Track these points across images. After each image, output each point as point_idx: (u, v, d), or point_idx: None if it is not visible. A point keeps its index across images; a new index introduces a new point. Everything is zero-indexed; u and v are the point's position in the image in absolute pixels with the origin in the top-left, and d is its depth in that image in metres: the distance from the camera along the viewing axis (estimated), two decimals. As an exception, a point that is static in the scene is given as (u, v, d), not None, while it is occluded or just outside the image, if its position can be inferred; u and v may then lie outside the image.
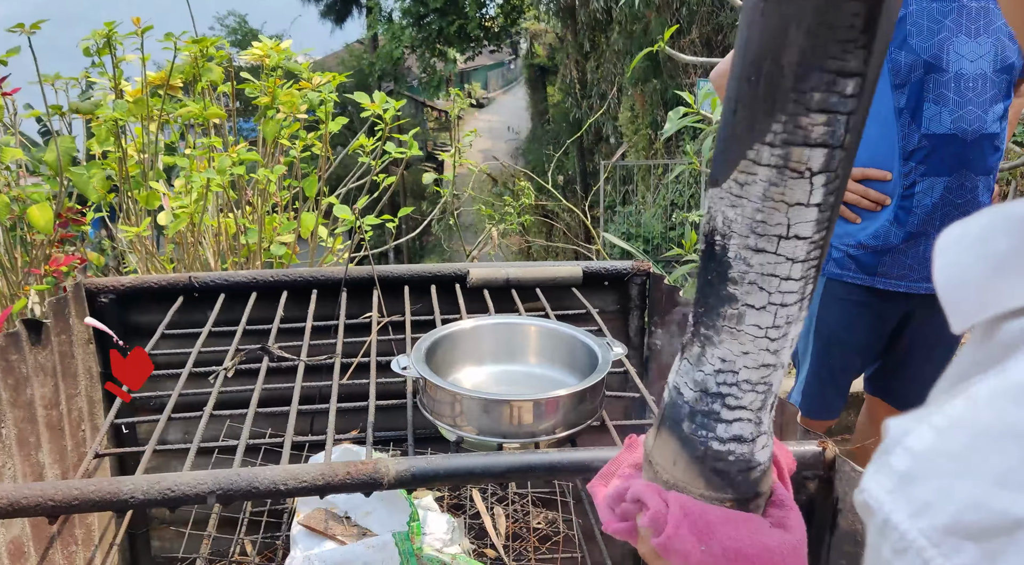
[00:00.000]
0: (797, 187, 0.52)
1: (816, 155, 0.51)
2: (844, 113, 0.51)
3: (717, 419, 0.60)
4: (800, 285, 0.56)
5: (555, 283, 1.57)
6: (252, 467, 0.92)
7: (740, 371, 0.59)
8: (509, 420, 0.98)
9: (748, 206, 0.54)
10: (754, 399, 0.60)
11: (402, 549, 1.12)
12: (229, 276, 1.55)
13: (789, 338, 0.59)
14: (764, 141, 0.52)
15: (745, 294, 0.56)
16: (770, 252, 0.55)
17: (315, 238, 2.19)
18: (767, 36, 0.51)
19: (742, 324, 0.57)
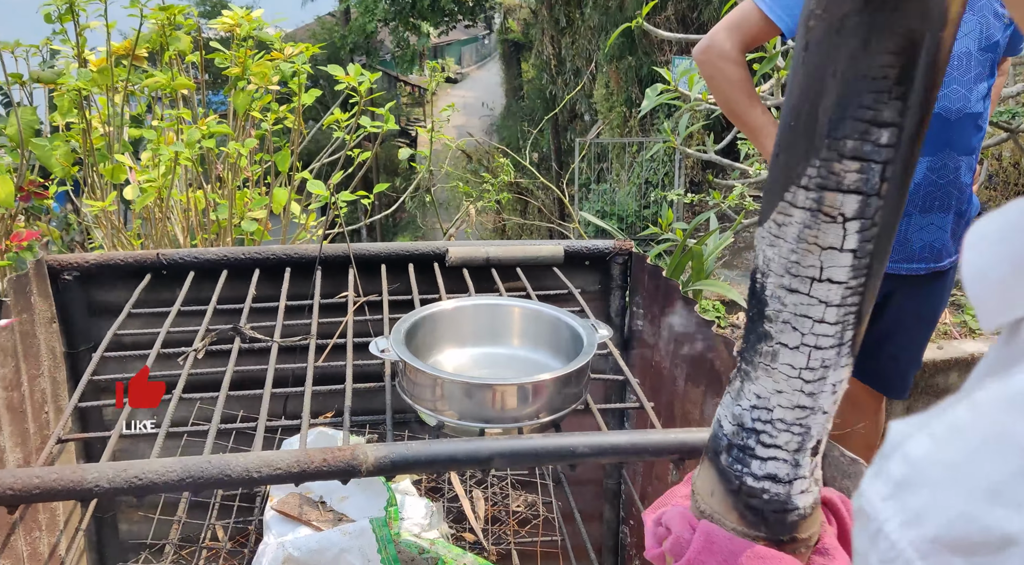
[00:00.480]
0: (830, 231, 0.53)
1: (849, 201, 0.52)
2: (879, 162, 0.51)
3: (752, 455, 0.61)
4: (836, 329, 0.57)
5: (536, 262, 1.53)
6: (224, 454, 0.88)
7: (774, 409, 0.60)
8: (492, 405, 0.95)
9: (784, 246, 0.56)
10: (789, 440, 0.60)
11: (380, 535, 1.09)
12: (199, 253, 1.50)
13: (828, 384, 0.59)
14: (800, 184, 0.53)
15: (779, 332, 0.57)
16: (803, 293, 0.56)
17: (287, 214, 2.14)
18: (807, 82, 0.52)
19: (776, 362, 0.58)
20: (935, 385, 2.88)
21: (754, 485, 0.61)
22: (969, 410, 0.34)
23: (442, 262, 1.54)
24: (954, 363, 2.88)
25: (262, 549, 1.15)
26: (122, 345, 1.43)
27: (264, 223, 2.06)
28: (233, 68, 2.02)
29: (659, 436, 0.93)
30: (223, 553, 1.35)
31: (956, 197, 1.90)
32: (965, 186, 1.91)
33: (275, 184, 2.12)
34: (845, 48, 0.50)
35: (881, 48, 0.49)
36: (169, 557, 1.32)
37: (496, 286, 1.47)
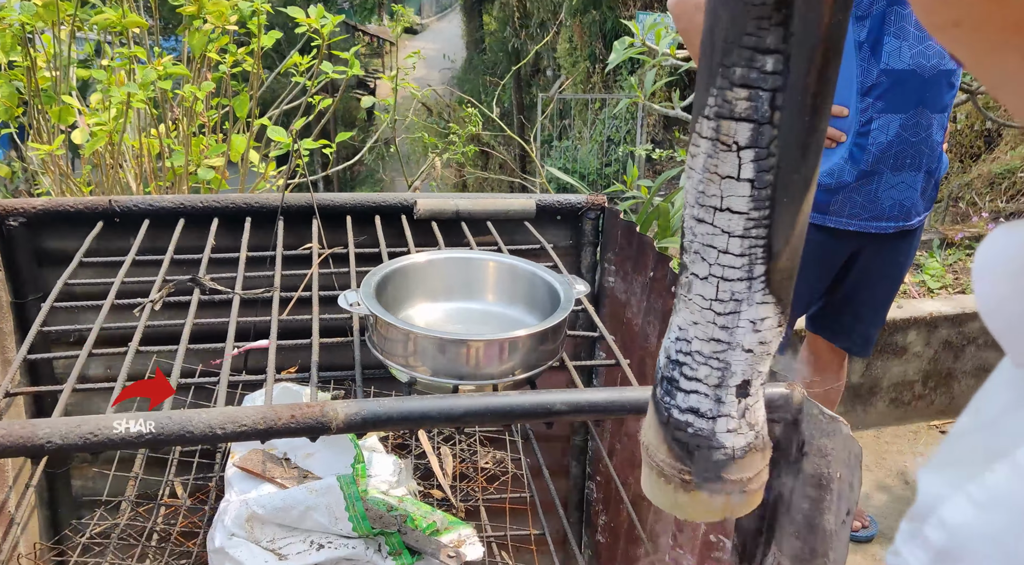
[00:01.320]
0: (727, 160, 0.54)
1: (742, 129, 0.53)
2: (767, 89, 0.52)
3: (677, 387, 0.62)
4: (743, 262, 0.57)
5: (507, 216, 1.50)
6: (185, 410, 0.84)
7: (692, 341, 0.60)
8: (466, 361, 0.92)
9: (694, 177, 0.57)
10: (709, 374, 0.60)
11: (347, 493, 1.06)
12: (154, 200, 1.43)
13: (744, 319, 0.58)
14: (703, 114, 0.55)
15: (691, 263, 0.59)
16: (708, 223, 0.56)
17: (245, 163, 2.06)
18: (710, 12, 0.53)
19: (691, 293, 0.59)
20: (894, 343, 2.92)
21: (679, 417, 0.62)
22: (1011, 477, 0.32)
23: (410, 214, 1.49)
24: (913, 322, 2.92)
25: (224, 506, 1.11)
26: (73, 295, 1.37)
27: (221, 171, 1.98)
28: (188, 6, 1.92)
29: (637, 393, 0.91)
30: (182, 510, 1.31)
31: (927, 156, 1.89)
32: (936, 144, 1.90)
33: (232, 131, 2.04)
34: None
35: None
36: (126, 514, 1.28)
37: (466, 240, 1.43)
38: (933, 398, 3.06)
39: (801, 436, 0.95)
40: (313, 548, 1.05)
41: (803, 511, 0.95)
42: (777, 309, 0.60)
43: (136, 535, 1.25)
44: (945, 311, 2.94)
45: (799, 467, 0.95)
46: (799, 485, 0.96)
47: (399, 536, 1.09)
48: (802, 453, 0.95)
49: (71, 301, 1.25)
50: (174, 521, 1.29)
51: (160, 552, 1.22)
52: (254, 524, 1.06)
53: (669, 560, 1.27)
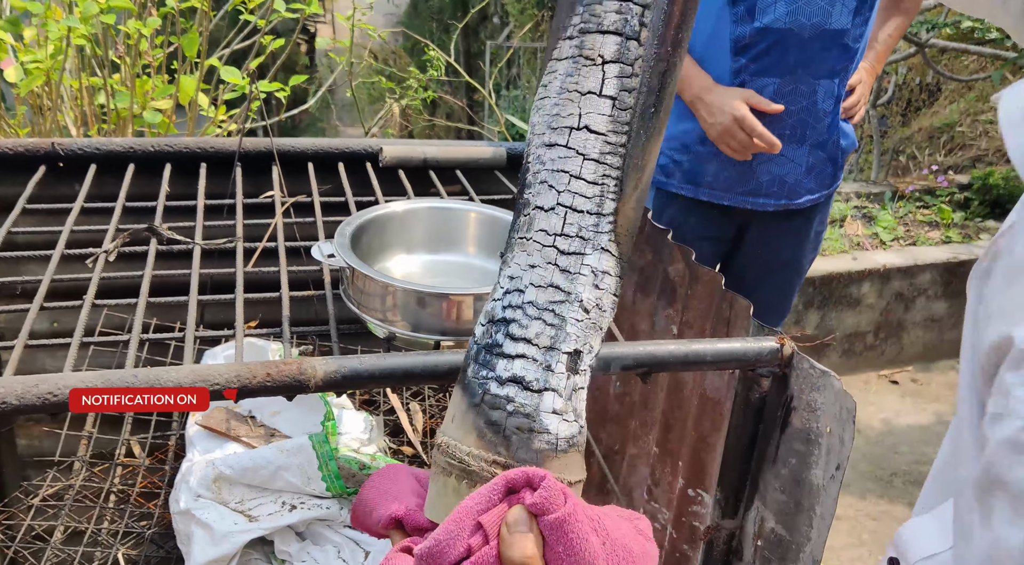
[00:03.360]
0: (590, 75, 0.53)
1: (608, 43, 0.52)
2: (638, 4, 0.52)
3: (499, 353, 0.54)
4: (594, 192, 0.53)
5: (477, 165, 1.44)
6: (151, 367, 0.78)
7: (526, 290, 0.54)
8: (447, 315, 0.88)
9: (547, 103, 0.54)
10: (541, 332, 0.53)
11: (320, 452, 1.02)
12: (101, 144, 1.34)
13: (587, 266, 0.54)
14: (564, 36, 0.54)
15: (535, 195, 0.54)
16: (561, 145, 0.53)
17: (195, 107, 1.96)
18: None
19: (531, 231, 0.54)
20: (848, 295, 2.96)
21: (498, 392, 0.53)
22: None
23: (375, 162, 1.43)
24: (867, 274, 2.96)
25: (187, 467, 1.06)
26: (15, 245, 1.28)
27: (168, 115, 1.88)
28: (130, -63, 1.79)
29: (626, 349, 0.88)
30: (141, 470, 1.25)
31: (812, 127, 1.70)
32: (824, 114, 1.70)
33: (181, 72, 1.93)
34: None
35: None
36: (80, 475, 1.22)
37: (434, 189, 1.37)
38: (884, 348, 3.13)
39: (790, 390, 0.93)
40: (285, 509, 1.01)
41: (790, 466, 0.94)
42: (618, 266, 0.55)
43: (92, 496, 1.19)
44: (897, 263, 2.99)
45: (787, 422, 0.94)
46: (786, 440, 0.95)
47: (374, 495, 1.05)
48: (790, 408, 0.94)
49: (14, 251, 1.17)
50: (132, 481, 1.23)
51: (119, 513, 1.17)
52: (221, 485, 1.01)
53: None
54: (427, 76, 2.42)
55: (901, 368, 3.15)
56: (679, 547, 1.17)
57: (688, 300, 1.18)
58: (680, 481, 1.16)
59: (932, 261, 3.01)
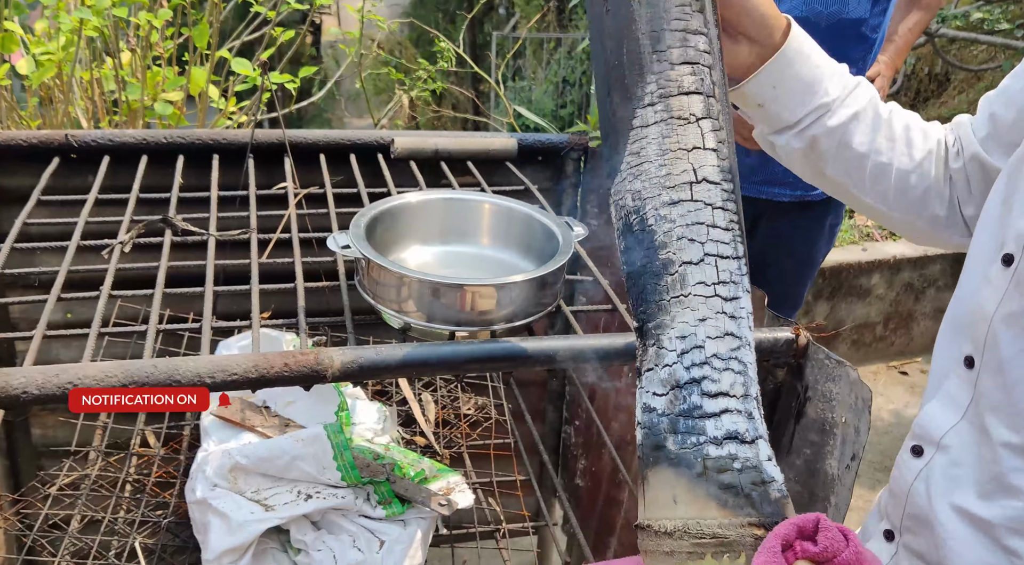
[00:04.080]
0: (689, 132, 0.55)
1: (695, 102, 0.55)
2: (705, 65, 0.56)
3: (703, 415, 0.52)
4: (730, 236, 0.55)
5: (488, 157, 1.44)
6: (171, 357, 0.79)
7: (705, 344, 0.53)
8: (463, 306, 0.88)
9: (650, 168, 0.55)
10: (734, 381, 0.52)
11: (335, 442, 1.02)
12: (115, 136, 1.35)
13: (743, 308, 0.55)
14: (644, 105, 0.56)
15: (678, 251, 0.54)
16: (687, 200, 0.54)
17: (205, 98, 1.96)
18: (618, 24, 0.57)
19: (686, 287, 0.53)
20: (858, 286, 2.95)
21: (719, 454, 0.51)
22: None
23: (386, 153, 1.43)
24: (877, 265, 2.95)
25: (203, 457, 1.07)
26: (30, 236, 1.29)
27: (179, 106, 1.88)
28: (141, -71, 1.80)
29: (638, 340, 0.88)
30: (156, 460, 1.26)
31: None
32: None
33: (191, 63, 1.93)
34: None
35: None
36: (96, 464, 1.23)
37: (446, 180, 1.38)
38: (893, 340, 3.12)
39: (805, 381, 0.93)
40: (301, 498, 1.01)
41: (804, 456, 0.94)
42: (751, 307, 0.56)
43: (108, 486, 1.20)
44: (908, 254, 2.98)
45: (802, 412, 0.94)
46: (800, 430, 0.95)
47: (388, 485, 1.06)
48: (805, 398, 0.94)
49: (27, 242, 1.18)
50: (147, 471, 1.24)
51: (135, 503, 1.17)
52: (237, 474, 1.02)
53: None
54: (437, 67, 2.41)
55: (911, 359, 3.14)
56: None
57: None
58: (692, 471, 1.16)
59: (942, 252, 3.00)
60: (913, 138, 0.86)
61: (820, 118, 0.82)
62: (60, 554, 1.11)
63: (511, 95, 8.88)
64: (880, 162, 0.84)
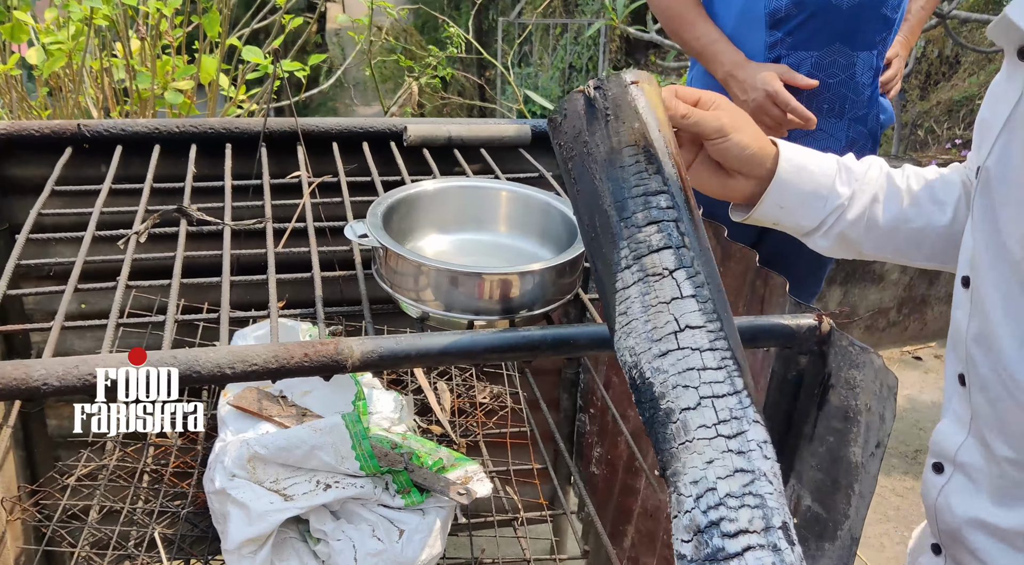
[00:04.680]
0: (664, 285, 0.59)
1: (665, 256, 0.60)
2: (670, 220, 0.61)
3: (726, 557, 0.52)
4: (723, 374, 0.57)
5: (501, 143, 1.43)
6: (190, 349, 0.78)
7: (717, 485, 0.53)
8: (481, 295, 0.87)
9: (637, 325, 0.59)
10: (752, 517, 0.52)
11: (353, 431, 1.02)
12: (127, 125, 1.34)
13: (752, 441, 0.55)
14: (621, 269, 0.61)
15: (675, 400, 0.57)
16: (674, 349, 0.57)
17: (215, 87, 1.95)
18: (588, 200, 0.64)
19: (689, 433, 0.55)
20: (872, 271, 2.94)
21: None
22: None
23: (399, 141, 1.42)
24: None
25: (221, 447, 1.07)
26: (43, 227, 1.29)
27: (189, 95, 1.87)
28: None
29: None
30: (173, 450, 1.26)
31: (851, 101, 1.66)
32: (863, 87, 1.66)
33: (202, 51, 1.92)
34: (598, 157, 0.63)
35: (621, 142, 0.63)
36: (114, 455, 1.23)
37: (459, 168, 1.37)
38: (907, 324, 3.11)
39: (828, 368, 0.92)
40: (319, 488, 1.01)
41: (827, 444, 0.93)
42: (766, 435, 0.57)
43: (126, 476, 1.20)
44: None
45: (825, 399, 0.93)
46: (823, 418, 0.94)
47: (407, 474, 1.06)
48: (828, 385, 0.93)
49: (42, 232, 1.17)
50: (164, 461, 1.24)
51: (153, 493, 1.18)
52: (256, 464, 1.02)
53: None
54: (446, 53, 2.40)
55: (924, 344, 3.13)
56: (710, 525, 1.16)
57: (721, 277, 1.17)
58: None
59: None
60: (937, 194, 0.87)
61: (840, 216, 0.86)
62: (80, 545, 1.11)
63: (518, 81, 8.84)
64: (914, 228, 0.87)
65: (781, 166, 0.83)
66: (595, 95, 0.64)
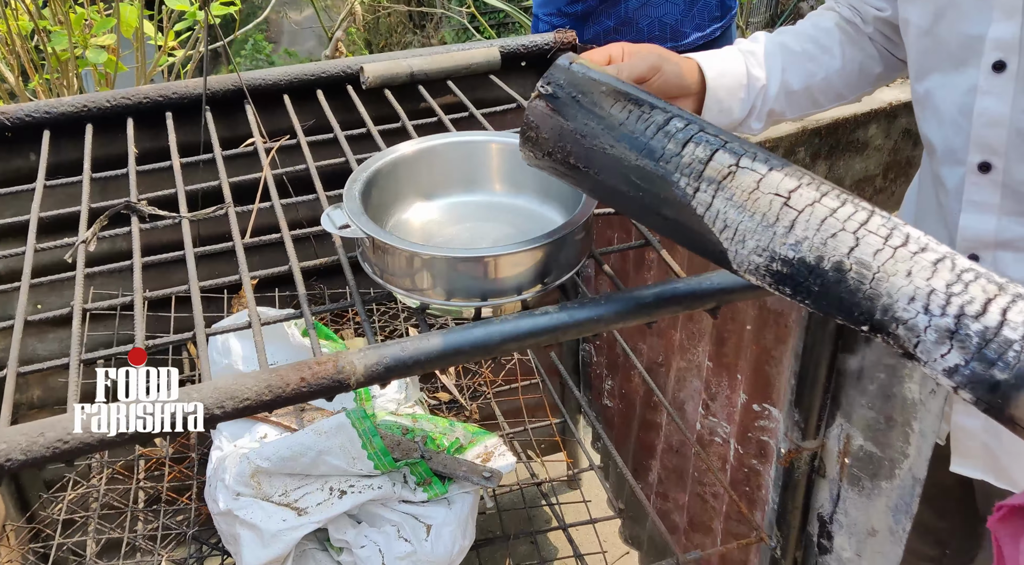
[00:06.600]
0: (742, 178, 0.59)
1: (721, 158, 0.60)
2: (697, 131, 0.62)
3: (995, 328, 0.49)
4: (850, 205, 0.57)
5: (469, 72, 1.30)
6: (169, 392, 0.68)
7: (932, 286, 0.52)
8: (486, 276, 0.77)
9: (746, 224, 0.58)
10: (982, 286, 0.51)
11: (361, 429, 0.93)
12: (51, 106, 1.19)
13: (920, 236, 0.56)
14: (691, 196, 0.60)
15: (835, 250, 0.56)
16: (796, 215, 0.57)
17: (141, 36, 1.77)
18: (611, 172, 0.64)
19: (870, 266, 0.54)
20: (855, 140, 2.83)
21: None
22: None
23: (356, 84, 1.29)
24: (873, 115, 2.83)
25: (219, 458, 0.98)
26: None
27: (113, 51, 1.69)
28: None
29: (690, 285, 0.78)
30: (166, 461, 1.17)
31: None
32: None
33: (119, 0, 1.72)
34: (595, 131, 0.64)
35: (605, 106, 0.64)
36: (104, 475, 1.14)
37: (426, 104, 1.24)
38: (893, 189, 3.04)
39: (872, 303, 0.84)
40: (334, 496, 0.93)
41: (878, 381, 0.86)
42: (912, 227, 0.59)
43: (119, 498, 1.11)
44: (903, 98, 2.85)
45: (870, 336, 0.85)
46: (870, 353, 0.87)
47: (424, 463, 0.98)
48: (874, 321, 0.85)
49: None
50: (159, 472, 1.15)
51: (152, 514, 1.09)
52: (260, 479, 0.93)
53: (702, 429, 1.20)
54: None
55: (910, 207, 3.07)
56: (747, 462, 1.11)
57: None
58: (742, 396, 1.09)
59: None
60: (823, 43, 0.99)
61: (765, 97, 0.96)
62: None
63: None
64: (819, 80, 0.98)
65: (708, 75, 0.92)
66: (553, 90, 0.64)
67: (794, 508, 1.00)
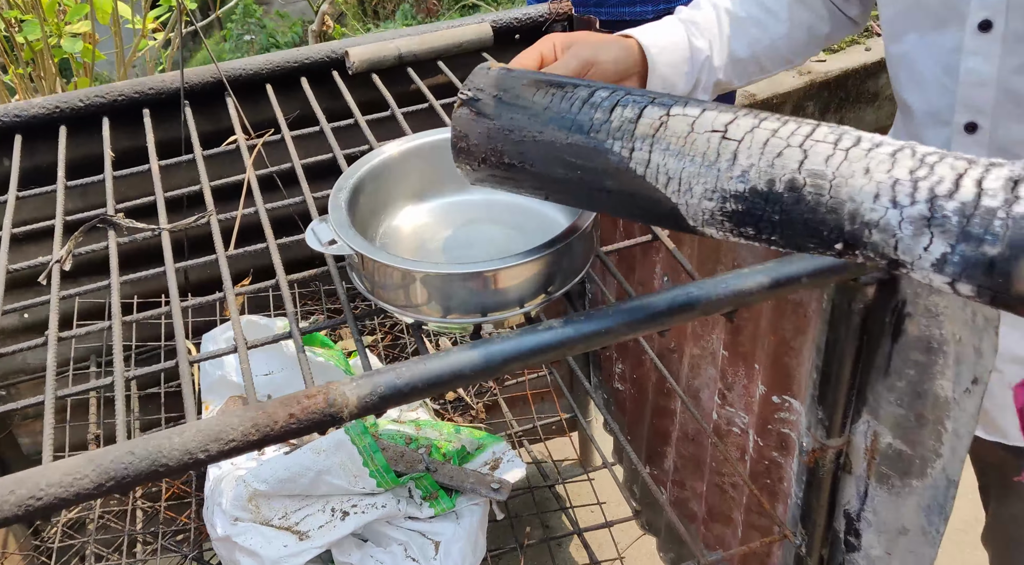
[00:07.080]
0: (674, 125, 0.57)
1: (651, 113, 0.58)
2: (623, 94, 0.60)
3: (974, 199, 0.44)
4: (791, 123, 0.54)
5: (460, 50, 1.23)
6: (150, 436, 0.64)
7: (896, 178, 0.48)
8: (485, 288, 0.72)
9: (689, 169, 0.55)
10: (951, 163, 0.46)
11: (361, 446, 0.89)
12: (21, 109, 1.13)
13: (868, 138, 0.52)
14: (628, 159, 0.58)
15: (784, 168, 0.52)
16: (736, 145, 0.54)
17: (117, 21, 1.69)
18: (547, 158, 0.62)
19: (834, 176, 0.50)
20: (865, 91, 2.74)
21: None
22: None
23: (342, 68, 1.22)
24: (882, 64, 2.73)
25: (215, 481, 0.93)
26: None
27: (90, 39, 1.62)
28: None
29: (705, 290, 0.73)
30: (164, 476, 1.13)
31: None
32: None
33: (91, -16, 1.64)
34: (522, 124, 0.62)
35: (527, 98, 0.63)
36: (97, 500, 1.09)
37: (415, 86, 1.18)
38: (906, 141, 2.96)
39: (900, 295, 0.78)
40: (336, 517, 0.89)
41: (907, 377, 0.81)
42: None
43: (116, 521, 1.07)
44: (912, 46, 2.75)
45: (900, 329, 0.80)
46: (899, 349, 0.81)
47: (430, 476, 0.93)
48: (903, 314, 0.79)
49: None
50: (155, 489, 1.11)
51: (151, 537, 1.05)
52: (259, 502, 0.89)
53: (719, 419, 1.15)
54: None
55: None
56: (767, 455, 1.06)
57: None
58: (760, 387, 1.04)
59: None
60: (768, 6, 0.96)
61: (710, 69, 0.94)
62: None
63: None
64: (765, 46, 0.97)
65: (650, 53, 0.89)
66: (474, 94, 0.63)
67: (819, 505, 0.95)
